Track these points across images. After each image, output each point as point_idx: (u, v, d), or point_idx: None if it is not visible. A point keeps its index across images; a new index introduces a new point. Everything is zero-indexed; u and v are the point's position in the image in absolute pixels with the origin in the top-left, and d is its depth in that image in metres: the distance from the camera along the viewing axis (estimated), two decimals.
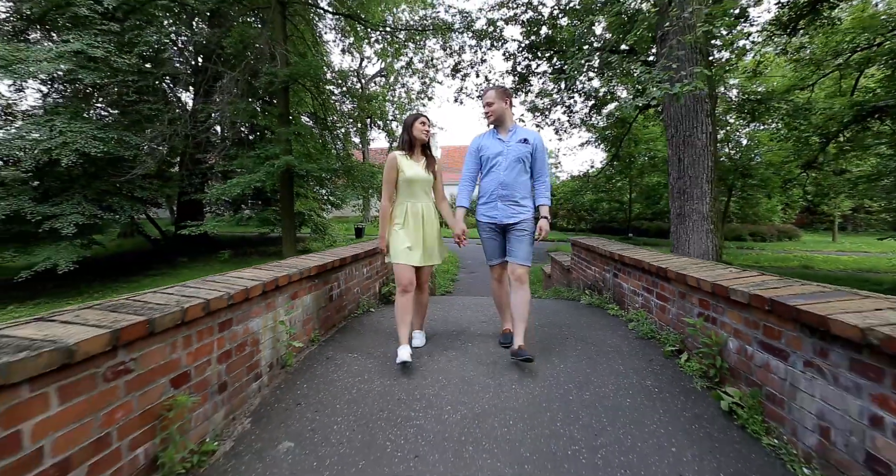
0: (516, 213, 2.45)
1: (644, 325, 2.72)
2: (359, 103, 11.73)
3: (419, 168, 2.53)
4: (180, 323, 1.47)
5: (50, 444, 1.05)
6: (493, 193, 2.48)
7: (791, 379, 1.51)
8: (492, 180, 2.49)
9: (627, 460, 1.53)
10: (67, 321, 1.24)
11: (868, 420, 1.20)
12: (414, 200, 2.53)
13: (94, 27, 8.86)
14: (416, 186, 2.52)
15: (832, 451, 1.33)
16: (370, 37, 12.24)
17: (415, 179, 2.51)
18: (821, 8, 9.25)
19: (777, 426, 1.59)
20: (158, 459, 1.38)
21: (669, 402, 1.91)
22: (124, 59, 8.69)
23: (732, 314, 1.87)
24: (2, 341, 1.04)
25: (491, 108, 2.46)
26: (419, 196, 2.54)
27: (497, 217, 2.48)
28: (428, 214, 2.55)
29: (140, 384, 1.33)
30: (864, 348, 1.20)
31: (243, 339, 1.90)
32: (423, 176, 2.53)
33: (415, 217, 2.50)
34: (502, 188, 2.45)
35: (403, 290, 2.41)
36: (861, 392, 1.22)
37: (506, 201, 2.46)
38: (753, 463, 1.49)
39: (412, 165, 2.52)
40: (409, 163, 2.52)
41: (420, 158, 2.57)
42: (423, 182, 2.54)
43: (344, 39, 14.23)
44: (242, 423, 1.80)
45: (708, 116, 5.49)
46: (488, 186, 2.52)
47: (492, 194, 2.49)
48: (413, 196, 2.53)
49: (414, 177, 2.50)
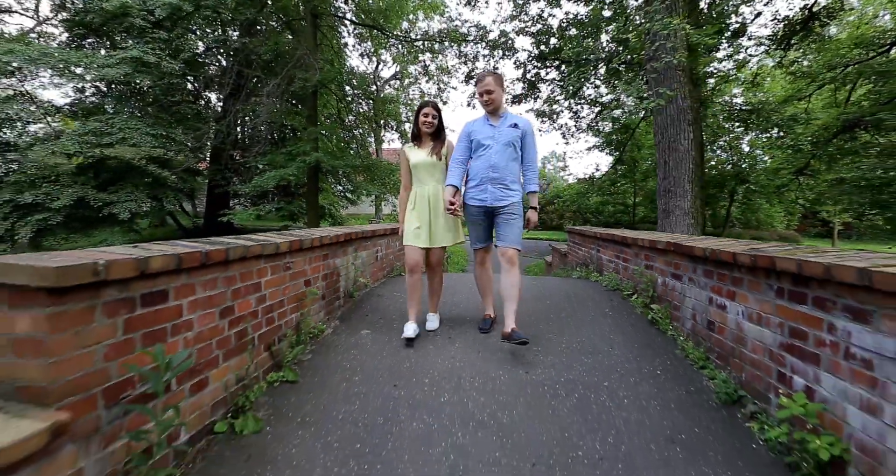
0: (506, 196, 2.52)
1: (613, 281, 3.69)
2: (374, 105, 12.82)
3: (424, 154, 2.64)
4: (308, 247, 2.49)
5: (268, 293, 2.07)
6: (484, 176, 2.52)
7: (681, 291, 2.48)
8: (482, 163, 2.54)
9: (589, 342, 2.51)
10: (263, 237, 2.26)
11: (707, 301, 2.17)
12: (422, 185, 2.66)
13: (147, 35, 10.09)
14: (421, 171, 2.65)
15: (696, 325, 2.30)
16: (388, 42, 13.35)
17: (419, 164, 2.64)
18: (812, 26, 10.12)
19: (675, 322, 2.56)
20: (300, 324, 2.40)
21: (618, 318, 2.88)
22: (172, 64, 9.89)
23: (660, 260, 2.84)
24: (238, 242, 2.05)
25: (492, 96, 2.50)
26: (426, 180, 2.65)
27: (486, 200, 2.53)
28: (435, 197, 2.63)
29: (293, 278, 2.35)
30: (706, 261, 2.17)
31: (333, 269, 2.91)
32: (428, 160, 2.63)
33: (422, 200, 2.63)
34: (493, 171, 2.50)
35: (410, 271, 2.60)
36: (706, 287, 2.19)
37: (496, 184, 2.51)
38: (658, 341, 2.47)
39: (417, 153, 2.66)
40: (415, 151, 2.67)
41: (428, 145, 2.68)
42: (428, 166, 2.64)
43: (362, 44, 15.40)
44: (334, 321, 2.82)
45: (690, 125, 6.43)
46: (478, 169, 2.55)
47: (482, 177, 2.53)
48: (420, 181, 2.66)
49: (418, 162, 2.64)
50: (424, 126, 2.63)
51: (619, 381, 2.07)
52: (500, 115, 2.58)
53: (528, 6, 11.16)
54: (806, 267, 1.43)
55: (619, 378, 2.10)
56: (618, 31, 8.73)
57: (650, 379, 2.09)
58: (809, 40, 10.49)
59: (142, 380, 1.33)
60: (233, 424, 1.72)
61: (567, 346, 2.46)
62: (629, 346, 2.45)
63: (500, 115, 2.58)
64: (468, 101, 13.11)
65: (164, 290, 1.44)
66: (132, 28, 10.05)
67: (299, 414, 1.85)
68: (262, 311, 2.05)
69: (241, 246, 1.82)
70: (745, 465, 1.50)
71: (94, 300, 1.19)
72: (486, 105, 2.53)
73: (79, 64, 8.76)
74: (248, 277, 1.93)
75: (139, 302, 1.34)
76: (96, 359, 1.19)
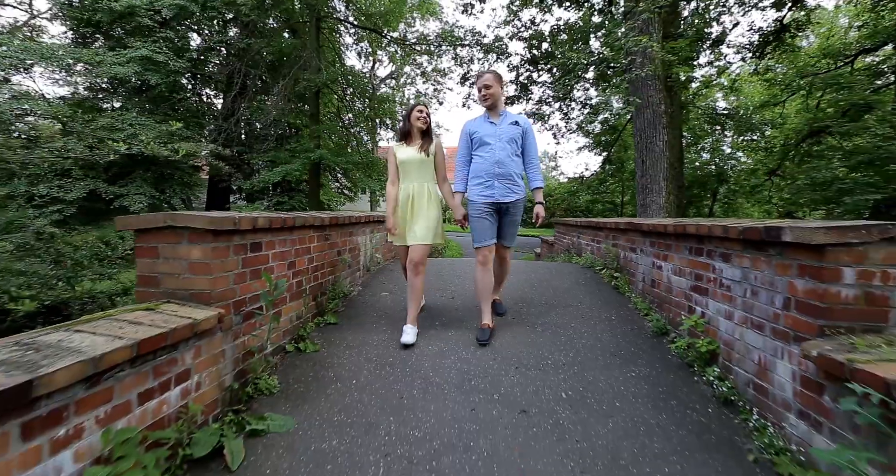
0: (512, 192, 2.58)
1: (588, 260, 4.40)
2: (370, 103, 13.42)
3: (413, 151, 2.66)
4: (340, 224, 3.15)
5: (315, 256, 2.73)
6: (490, 172, 2.56)
7: (635, 261, 3.20)
8: (487, 160, 2.57)
9: (563, 301, 3.21)
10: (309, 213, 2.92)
11: (651, 265, 2.89)
12: (408, 182, 2.69)
13: (154, 35, 10.59)
14: (408, 167, 2.67)
15: (645, 285, 3.02)
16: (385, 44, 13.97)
17: (406, 161, 2.66)
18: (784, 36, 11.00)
19: (630, 285, 3.28)
20: (335, 284, 3.06)
21: (588, 286, 3.58)
22: (180, 63, 10.41)
23: (622, 238, 3.56)
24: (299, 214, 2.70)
25: (490, 91, 2.55)
26: (412, 177, 2.68)
27: (494, 195, 2.56)
28: (419, 194, 2.66)
29: (330, 247, 3.01)
30: (651, 234, 2.89)
31: (356, 245, 3.57)
32: (417, 157, 2.65)
33: (406, 197, 2.67)
34: (498, 167, 2.55)
35: (404, 268, 2.78)
36: (650, 255, 2.91)
37: (502, 180, 2.55)
38: (617, 299, 3.18)
39: (406, 150, 2.68)
40: (403, 148, 2.70)
41: (417, 142, 2.70)
42: (416, 163, 2.66)
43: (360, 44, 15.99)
44: (357, 287, 3.48)
45: (664, 128, 7.19)
46: (483, 167, 2.58)
47: (488, 174, 2.57)
48: (407, 178, 2.69)
49: (405, 159, 2.66)
50: (419, 122, 2.68)
51: (582, 323, 2.78)
52: (500, 112, 2.63)
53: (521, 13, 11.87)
54: (700, 229, 2.14)
55: (582, 321, 2.81)
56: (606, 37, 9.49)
57: (605, 322, 2.80)
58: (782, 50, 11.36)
59: (253, 301, 1.98)
60: (298, 346, 2.38)
61: (545, 303, 3.16)
62: (594, 303, 3.16)
63: (499, 112, 2.63)
64: (463, 102, 13.81)
65: (260, 242, 2.10)
66: (140, 27, 10.55)
67: (344, 342, 2.52)
68: (311, 269, 2.71)
69: (301, 217, 2.48)
70: (661, 367, 2.21)
71: (229, 242, 1.84)
72: (485, 100, 2.58)
73: (90, 62, 9.24)
74: (303, 242, 2.59)
75: (249, 248, 2.00)
76: (230, 281, 1.85)
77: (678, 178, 12.54)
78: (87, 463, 1.17)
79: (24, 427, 1.01)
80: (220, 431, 1.61)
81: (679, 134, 12.01)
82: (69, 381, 1.09)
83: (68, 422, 1.12)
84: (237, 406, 1.82)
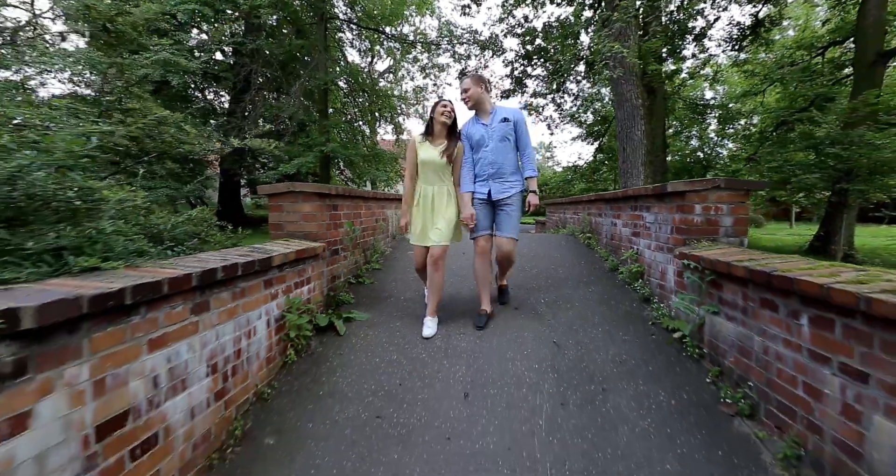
0: (506, 189, 2.74)
1: (570, 230, 5.49)
2: (369, 98, 14.35)
3: (434, 152, 2.68)
4: (376, 198, 4.19)
5: (364, 219, 3.80)
6: (484, 173, 2.74)
7: (601, 222, 4.29)
8: (482, 161, 2.74)
9: (547, 255, 4.29)
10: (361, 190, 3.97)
11: (611, 225, 3.97)
12: (427, 184, 2.73)
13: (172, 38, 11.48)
14: (428, 169, 2.70)
15: (606, 239, 4.11)
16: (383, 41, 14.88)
17: (427, 162, 2.69)
18: (759, 31, 11.98)
19: (598, 242, 4.36)
20: (374, 244, 4.11)
21: (567, 246, 4.66)
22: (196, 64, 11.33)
23: (593, 208, 4.63)
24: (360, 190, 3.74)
25: (468, 94, 2.68)
26: (432, 180, 2.72)
27: (489, 193, 2.75)
28: (438, 197, 2.73)
29: (372, 215, 4.06)
30: (610, 201, 3.96)
31: (386, 216, 4.62)
32: (437, 160, 2.67)
33: (425, 199, 2.72)
34: (492, 167, 2.72)
35: (418, 268, 2.86)
36: (610, 217, 3.99)
37: (496, 180, 2.73)
38: (588, 252, 4.27)
39: (428, 149, 2.70)
40: (425, 146, 2.71)
41: (440, 143, 2.72)
42: (435, 166, 2.68)
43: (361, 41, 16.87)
44: (388, 248, 4.54)
45: (642, 119, 8.22)
46: (480, 167, 2.76)
47: (484, 174, 2.75)
48: (426, 179, 2.73)
49: (426, 160, 2.68)
50: (442, 116, 2.66)
51: (560, 266, 3.86)
52: (490, 111, 2.73)
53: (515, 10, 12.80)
54: (637, 191, 3.21)
55: (560, 264, 3.89)
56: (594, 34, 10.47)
57: (577, 265, 3.88)
58: (758, 43, 12.35)
59: (334, 244, 3.04)
60: (358, 279, 3.45)
61: (534, 257, 4.24)
62: (571, 255, 4.24)
63: (488, 112, 2.73)
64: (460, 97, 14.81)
65: (338, 204, 3.15)
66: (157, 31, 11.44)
67: (390, 279, 3.60)
68: (362, 229, 3.76)
69: (356, 190, 3.54)
70: (610, 286, 3.30)
71: (324, 202, 2.89)
72: (465, 102, 2.73)
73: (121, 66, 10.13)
74: (357, 208, 3.64)
75: (333, 207, 3.05)
76: (325, 227, 2.90)
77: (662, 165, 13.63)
78: (282, 310, 2.24)
79: (265, 282, 2.08)
80: (329, 316, 2.68)
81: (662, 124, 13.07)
82: (279, 262, 2.15)
83: (278, 286, 2.19)
84: (332, 308, 2.89)
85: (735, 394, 1.90)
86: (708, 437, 1.74)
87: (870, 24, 9.09)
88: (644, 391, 2.04)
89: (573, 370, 2.23)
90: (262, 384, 2.07)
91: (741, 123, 15.22)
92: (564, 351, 2.41)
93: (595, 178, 19.92)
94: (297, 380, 2.20)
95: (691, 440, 1.73)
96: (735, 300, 1.95)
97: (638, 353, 2.36)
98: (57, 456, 1.07)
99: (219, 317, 1.74)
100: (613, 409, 1.93)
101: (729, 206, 2.44)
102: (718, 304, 2.09)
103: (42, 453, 1.04)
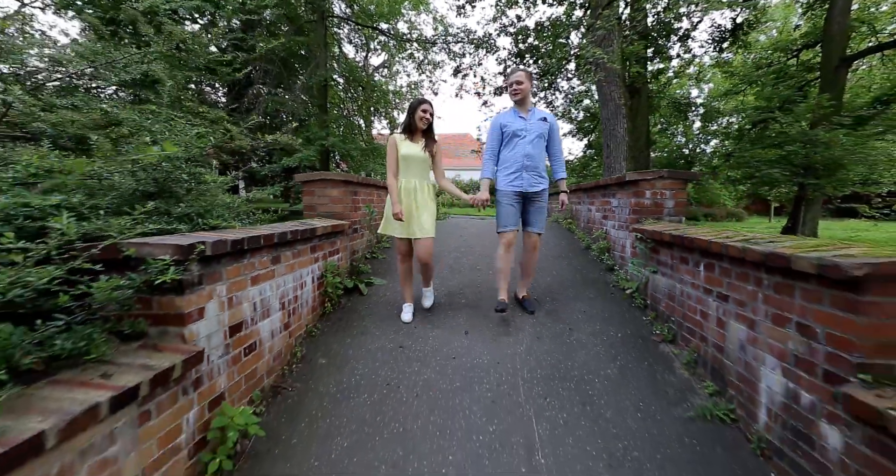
0: (538, 182, 2.84)
1: (555, 217, 6.19)
2: (365, 93, 14.86)
3: (416, 148, 2.80)
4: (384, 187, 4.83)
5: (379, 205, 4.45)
6: (519, 164, 2.81)
7: (580, 209, 4.99)
8: (517, 153, 2.82)
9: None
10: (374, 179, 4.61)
11: (587, 211, 4.67)
12: (409, 177, 2.82)
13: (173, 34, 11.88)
14: (411, 163, 2.80)
15: (584, 223, 4.81)
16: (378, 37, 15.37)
17: (410, 157, 2.78)
18: (738, 33, 12.73)
19: (577, 226, 5.07)
20: None
21: (551, 230, 5.35)
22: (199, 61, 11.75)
23: (574, 197, 5.32)
24: (374, 179, 4.38)
25: (521, 87, 2.78)
26: (413, 172, 2.82)
27: (522, 186, 2.83)
28: (420, 191, 2.82)
29: (381, 201, 4.70)
30: (587, 190, 4.65)
31: None
32: (420, 155, 2.79)
33: (407, 193, 2.80)
34: (527, 159, 2.80)
35: (401, 259, 2.96)
36: (586, 203, 4.69)
37: (530, 171, 2.82)
38: (568, 234, 4.97)
39: (410, 145, 2.80)
40: (407, 143, 2.81)
41: (420, 140, 2.84)
42: (418, 160, 2.80)
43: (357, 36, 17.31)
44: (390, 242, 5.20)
45: (624, 118, 8.93)
46: (513, 158, 2.82)
47: (518, 165, 2.81)
48: (409, 173, 2.82)
49: (408, 154, 2.78)
50: (421, 122, 2.79)
51: (543, 245, 4.54)
52: (529, 109, 2.85)
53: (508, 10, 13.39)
54: (601, 182, 3.90)
55: (543, 244, 4.58)
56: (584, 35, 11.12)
57: (558, 246, 4.57)
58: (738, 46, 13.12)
59: (353, 223, 3.68)
60: (374, 255, 4.10)
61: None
62: (553, 238, 4.93)
63: (528, 108, 2.85)
64: (456, 93, 15.39)
65: (357, 190, 3.78)
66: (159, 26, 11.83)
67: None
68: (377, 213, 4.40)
69: (370, 179, 4.17)
70: (583, 260, 3.99)
71: (347, 188, 3.53)
72: (514, 94, 2.82)
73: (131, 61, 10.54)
74: (371, 194, 4.27)
75: (353, 192, 3.69)
76: (348, 209, 3.53)
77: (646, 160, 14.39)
78: (322, 271, 2.89)
79: (311, 248, 2.73)
80: (354, 280, 3.33)
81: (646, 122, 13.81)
82: (321, 233, 2.80)
83: (319, 252, 2.85)
84: (354, 276, 3.54)
85: (663, 328, 2.61)
86: (640, 355, 2.44)
87: (835, 31, 9.88)
88: (600, 329, 2.74)
89: (547, 317, 2.92)
90: (310, 325, 2.73)
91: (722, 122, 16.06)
92: (542, 305, 3.10)
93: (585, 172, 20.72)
94: (335, 324, 2.86)
95: (628, 357, 2.43)
96: (666, 260, 2.64)
97: (599, 305, 3.06)
98: (216, 338, 1.73)
99: (285, 269, 2.39)
100: (576, 341, 2.62)
101: (671, 192, 3.14)
102: (657, 264, 2.79)
103: (210, 334, 1.69)
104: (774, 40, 14.80)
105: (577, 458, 1.73)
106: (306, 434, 1.89)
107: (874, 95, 10.19)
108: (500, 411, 2.01)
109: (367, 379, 2.29)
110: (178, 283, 1.52)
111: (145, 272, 1.43)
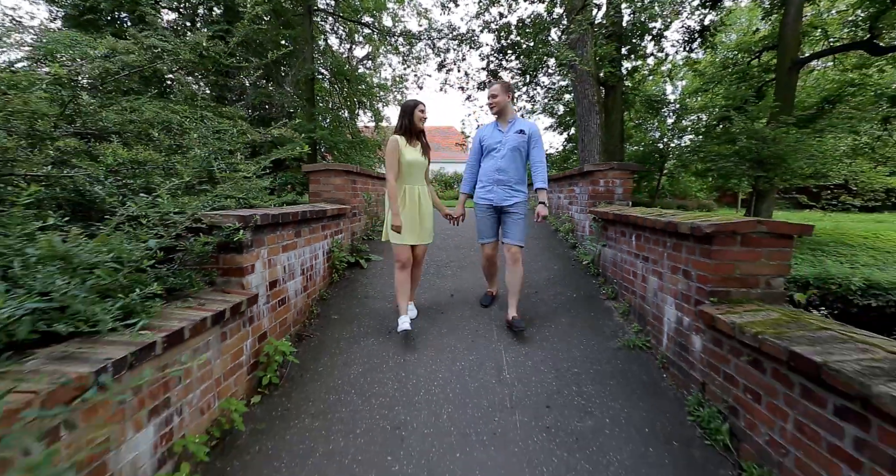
0: (510, 197, 2.83)
1: (531, 205, 6.84)
2: (350, 85, 15.19)
3: (417, 153, 2.77)
4: (379, 178, 5.38)
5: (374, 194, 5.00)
6: (491, 178, 2.84)
7: (556, 200, 5.64)
8: (490, 166, 2.86)
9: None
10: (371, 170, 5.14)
11: (556, 198, 5.33)
12: (412, 184, 2.78)
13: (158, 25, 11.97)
14: (414, 170, 2.76)
15: (554, 209, 5.46)
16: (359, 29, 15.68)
17: (414, 163, 2.74)
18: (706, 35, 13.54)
19: (554, 214, 5.73)
20: (377, 214, 5.31)
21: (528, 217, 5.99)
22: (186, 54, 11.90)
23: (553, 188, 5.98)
24: (375, 171, 4.92)
25: (495, 100, 2.80)
26: (416, 179, 2.78)
27: (493, 200, 2.86)
28: (423, 197, 2.83)
29: (376, 190, 5.24)
30: (556, 180, 5.30)
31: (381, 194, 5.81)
32: (421, 160, 2.79)
33: (412, 200, 2.78)
34: (499, 173, 2.82)
35: (402, 267, 2.77)
36: (555, 192, 5.34)
37: (501, 185, 2.82)
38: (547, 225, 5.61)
39: (411, 150, 2.75)
40: (409, 148, 2.75)
41: (416, 143, 2.80)
42: (420, 166, 2.79)
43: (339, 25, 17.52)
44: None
45: (597, 114, 9.63)
46: (486, 172, 2.87)
47: (489, 179, 2.85)
48: (412, 179, 2.78)
49: (413, 161, 2.74)
50: (421, 123, 2.77)
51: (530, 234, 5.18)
52: (509, 120, 2.85)
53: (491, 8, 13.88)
54: (567, 173, 4.55)
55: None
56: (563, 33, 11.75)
57: (533, 228, 5.22)
58: (706, 46, 13.96)
59: (357, 207, 4.23)
60: (369, 237, 4.66)
61: None
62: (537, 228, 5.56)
63: (508, 120, 2.86)
64: (440, 87, 15.85)
65: (356, 179, 4.32)
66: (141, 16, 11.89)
67: None
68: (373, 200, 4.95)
69: (373, 171, 4.71)
70: (553, 240, 4.65)
71: (348, 177, 4.08)
72: (491, 108, 2.86)
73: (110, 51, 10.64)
74: (367, 184, 4.81)
75: (354, 181, 4.23)
76: (349, 195, 4.08)
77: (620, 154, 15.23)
78: (330, 247, 3.45)
79: (322, 226, 3.29)
80: (355, 256, 3.90)
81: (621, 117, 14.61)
82: (330, 214, 3.35)
83: (327, 230, 3.40)
84: (354, 253, 4.09)
85: (608, 289, 3.28)
86: (588, 309, 3.11)
87: (789, 36, 10.78)
88: (559, 291, 3.40)
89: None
90: (323, 290, 3.30)
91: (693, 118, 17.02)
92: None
93: (566, 165, 21.54)
94: (342, 290, 3.43)
95: (579, 310, 3.09)
96: (612, 235, 3.30)
97: (561, 274, 3.72)
98: (262, 289, 2.29)
99: (304, 242, 2.94)
100: (539, 300, 3.27)
101: (620, 181, 3.80)
102: (606, 239, 3.45)
103: (258, 285, 2.25)
104: (739, 41, 15.76)
105: (533, 373, 2.38)
106: (329, 364, 2.48)
107: (822, 96, 11.18)
108: (478, 346, 2.64)
109: (373, 328, 2.88)
110: (239, 243, 2.07)
111: (220, 235, 1.97)
